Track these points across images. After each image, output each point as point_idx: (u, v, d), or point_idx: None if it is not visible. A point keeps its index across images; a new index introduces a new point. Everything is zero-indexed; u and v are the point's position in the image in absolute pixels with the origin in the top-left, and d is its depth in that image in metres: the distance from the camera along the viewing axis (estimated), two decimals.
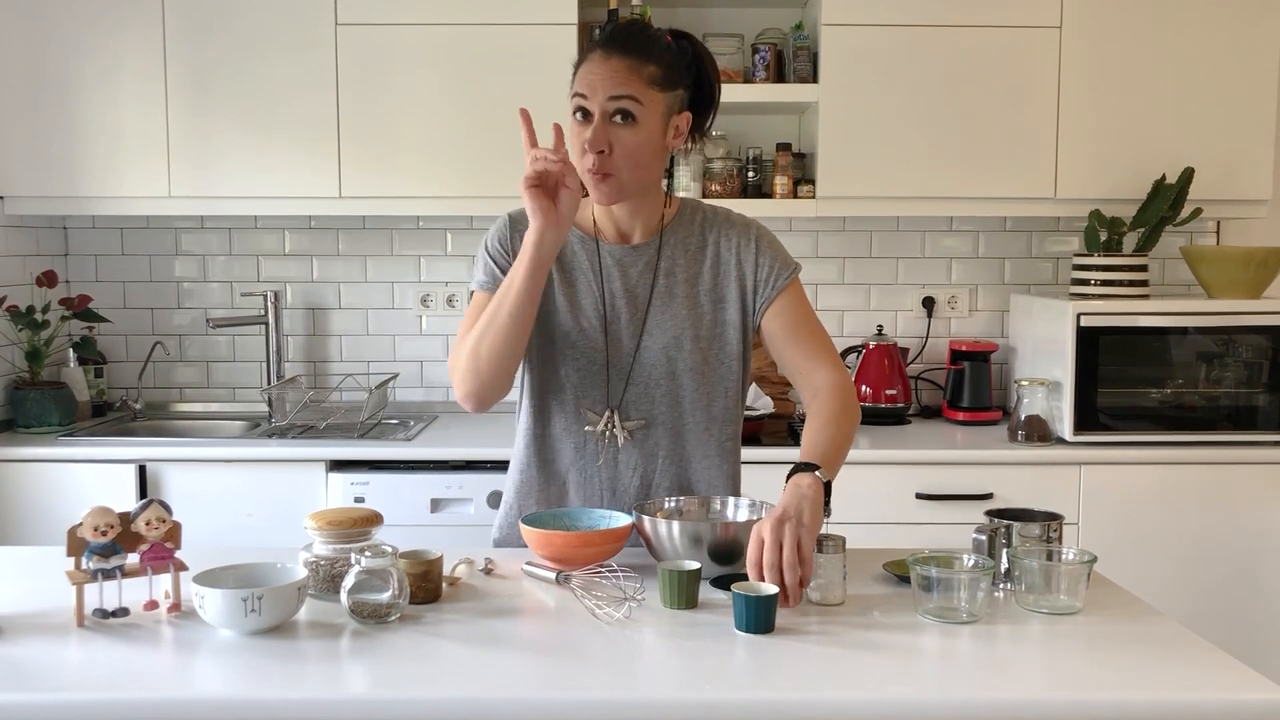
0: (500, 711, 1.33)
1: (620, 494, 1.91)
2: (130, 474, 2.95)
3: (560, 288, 1.90)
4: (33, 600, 1.63)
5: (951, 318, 3.59)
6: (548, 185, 1.72)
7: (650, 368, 1.89)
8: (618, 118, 1.77)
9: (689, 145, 1.91)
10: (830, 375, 1.87)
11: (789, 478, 1.67)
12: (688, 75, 1.84)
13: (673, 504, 1.87)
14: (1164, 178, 3.14)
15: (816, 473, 1.67)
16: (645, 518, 1.75)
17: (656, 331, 1.89)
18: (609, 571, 1.66)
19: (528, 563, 1.77)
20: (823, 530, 1.64)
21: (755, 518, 1.79)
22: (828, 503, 1.66)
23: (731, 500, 1.88)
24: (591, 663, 1.43)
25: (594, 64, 1.79)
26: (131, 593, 1.57)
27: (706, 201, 2.01)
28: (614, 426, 1.89)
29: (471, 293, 1.94)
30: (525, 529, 1.77)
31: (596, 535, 1.75)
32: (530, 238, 1.73)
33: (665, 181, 2.35)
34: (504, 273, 1.85)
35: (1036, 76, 3.16)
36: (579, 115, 1.80)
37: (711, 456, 1.93)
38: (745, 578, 1.63)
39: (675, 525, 1.72)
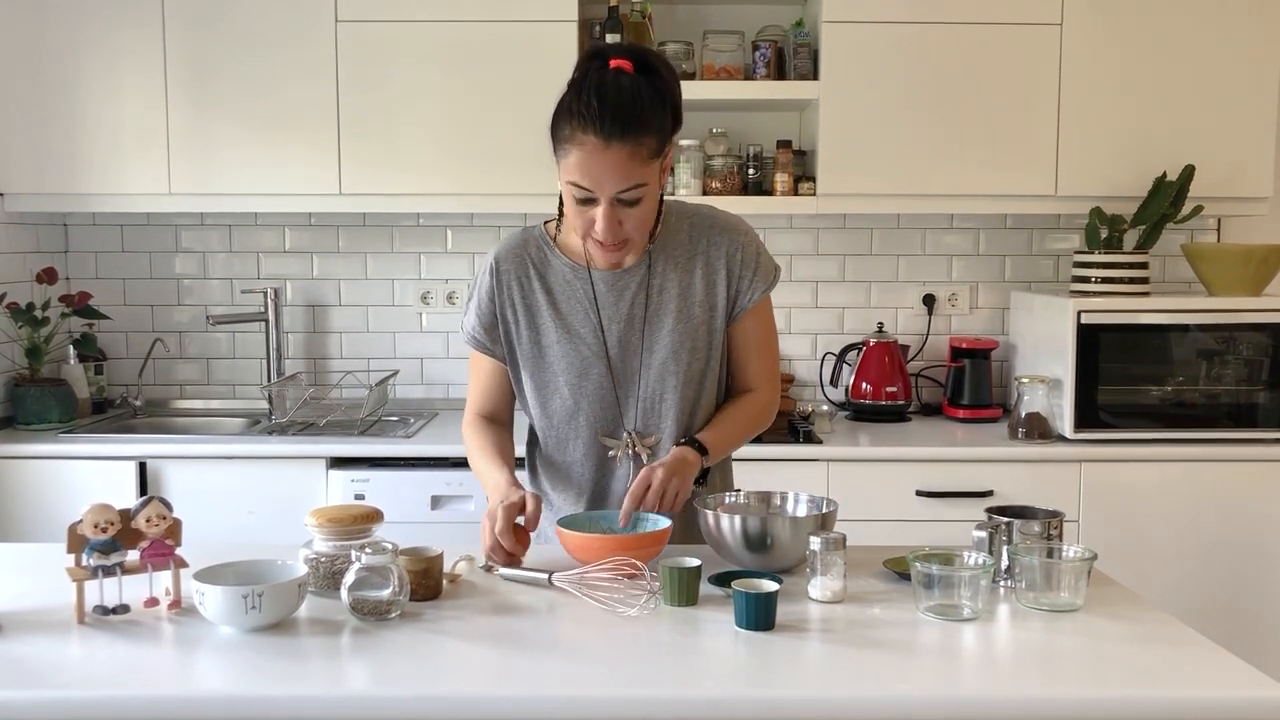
0: (500, 708, 1.33)
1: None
2: (130, 471, 2.95)
3: (555, 324, 1.91)
4: (33, 597, 1.63)
5: (952, 315, 3.59)
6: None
7: (654, 384, 1.91)
8: (625, 201, 1.75)
9: None
10: (765, 395, 2.00)
11: (678, 443, 1.88)
12: (671, 116, 1.76)
13: (732, 499, 1.90)
14: (1165, 175, 3.13)
15: (704, 457, 1.87)
16: (717, 512, 1.75)
17: (657, 349, 1.90)
18: (610, 568, 1.66)
19: (504, 565, 1.76)
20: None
21: (815, 513, 1.80)
22: (700, 480, 1.90)
23: (791, 495, 1.89)
24: (592, 659, 1.43)
25: (593, 154, 1.70)
26: (132, 590, 1.57)
27: (689, 201, 2.00)
28: (634, 447, 1.92)
29: (469, 334, 1.99)
30: (563, 533, 1.75)
31: (634, 539, 1.73)
32: (491, 499, 1.85)
33: None
34: (489, 329, 1.94)
35: (1037, 74, 3.15)
36: (580, 199, 1.75)
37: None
38: (745, 575, 1.64)
39: (738, 520, 1.72)
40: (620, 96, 1.69)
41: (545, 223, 1.97)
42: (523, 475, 2.00)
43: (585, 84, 1.72)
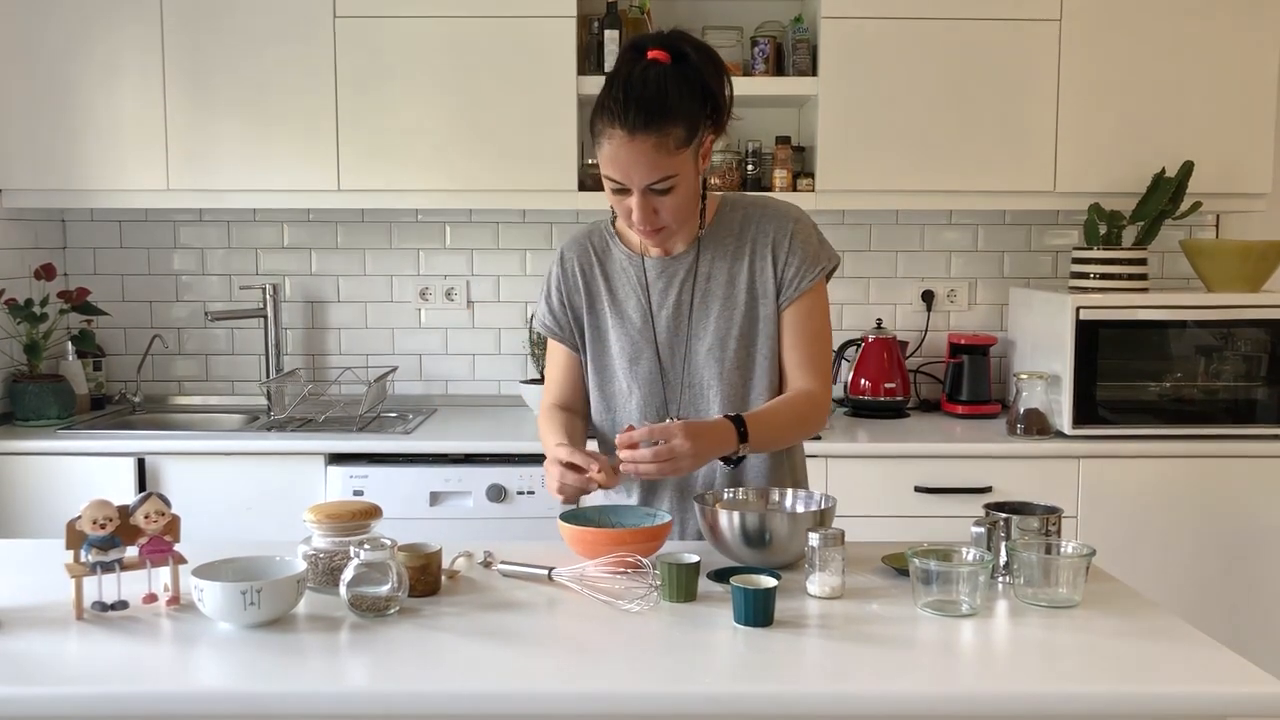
0: (499, 704, 1.33)
1: (687, 493, 1.94)
2: (129, 467, 2.95)
3: (611, 309, 1.96)
4: (32, 593, 1.64)
5: (951, 311, 3.59)
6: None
7: (700, 370, 1.93)
8: (657, 190, 1.78)
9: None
10: (810, 386, 1.92)
11: (724, 417, 1.80)
12: (703, 102, 1.79)
13: (730, 496, 1.89)
14: (1163, 171, 3.13)
15: (742, 445, 1.79)
16: (715, 509, 1.75)
17: (703, 335, 1.92)
18: (610, 564, 1.66)
19: (503, 561, 1.77)
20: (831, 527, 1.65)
21: (813, 509, 1.80)
22: (735, 461, 1.84)
23: (790, 492, 1.89)
24: (590, 655, 1.44)
25: (619, 146, 1.74)
26: (130, 586, 1.57)
27: (749, 194, 2.01)
28: None
29: (541, 321, 2.05)
30: (564, 526, 1.76)
31: (634, 534, 1.74)
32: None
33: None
34: (558, 315, 1.99)
35: (1036, 70, 3.15)
36: (614, 189, 1.80)
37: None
38: (744, 571, 1.64)
39: (736, 516, 1.72)
40: (645, 89, 1.73)
41: (614, 217, 2.00)
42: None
43: (617, 78, 1.77)
